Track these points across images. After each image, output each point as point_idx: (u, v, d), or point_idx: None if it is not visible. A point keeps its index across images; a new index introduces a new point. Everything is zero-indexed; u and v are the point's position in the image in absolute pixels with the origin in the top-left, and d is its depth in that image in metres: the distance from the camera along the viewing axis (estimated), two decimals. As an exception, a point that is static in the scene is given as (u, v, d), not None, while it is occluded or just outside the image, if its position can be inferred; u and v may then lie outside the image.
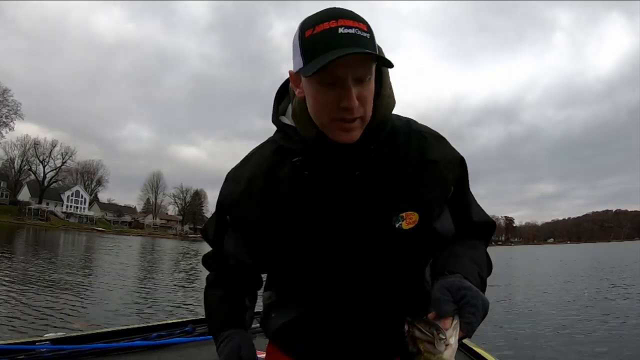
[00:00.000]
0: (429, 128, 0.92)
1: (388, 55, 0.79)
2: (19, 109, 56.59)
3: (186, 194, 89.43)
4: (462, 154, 0.92)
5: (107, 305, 7.67)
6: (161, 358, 2.25)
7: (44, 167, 68.37)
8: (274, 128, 0.91)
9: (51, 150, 68.40)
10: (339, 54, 0.69)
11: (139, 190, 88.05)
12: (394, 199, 0.83)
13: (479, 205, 0.95)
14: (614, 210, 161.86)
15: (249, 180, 0.91)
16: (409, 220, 0.83)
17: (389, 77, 0.85)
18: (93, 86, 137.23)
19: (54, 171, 69.81)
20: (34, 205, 63.92)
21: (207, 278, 1.11)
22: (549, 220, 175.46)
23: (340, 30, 0.72)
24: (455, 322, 0.70)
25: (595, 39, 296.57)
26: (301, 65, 0.75)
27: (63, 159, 69.49)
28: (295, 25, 0.79)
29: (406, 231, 0.83)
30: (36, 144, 66.77)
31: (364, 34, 0.74)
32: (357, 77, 0.74)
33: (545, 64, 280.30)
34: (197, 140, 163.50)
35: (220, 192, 0.97)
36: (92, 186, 79.60)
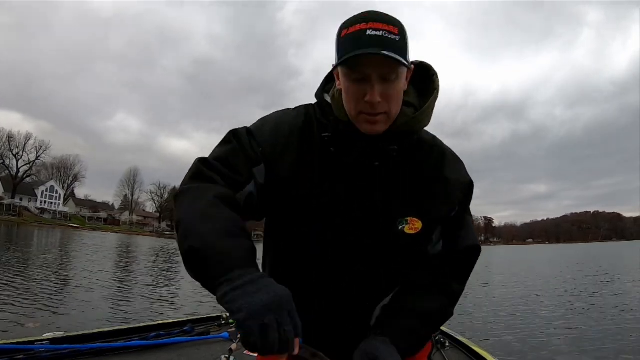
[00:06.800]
0: (450, 149, 0.99)
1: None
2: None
3: (163, 190, 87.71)
4: (463, 152, 0.98)
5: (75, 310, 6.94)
6: (159, 358, 2.23)
7: (17, 161, 66.07)
8: None
9: (25, 143, 66.21)
10: (360, 52, 0.77)
11: (116, 187, 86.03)
12: (404, 202, 0.89)
13: (470, 229, 0.98)
14: (592, 211, 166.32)
15: (288, 136, 0.92)
16: (412, 226, 0.89)
17: (435, 100, 0.91)
18: (83, 69, 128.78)
19: (28, 165, 67.62)
20: (7, 201, 61.61)
21: (204, 186, 0.83)
22: (528, 221, 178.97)
23: (369, 32, 0.78)
24: None
25: (618, 38, 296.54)
26: (336, 61, 0.83)
27: (37, 153, 67.37)
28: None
29: (407, 235, 0.89)
30: (10, 137, 64.46)
31: (392, 36, 0.79)
32: (381, 75, 0.80)
33: (564, 61, 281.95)
34: (188, 133, 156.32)
35: (257, 129, 0.94)
36: (69, 182, 77.52)
